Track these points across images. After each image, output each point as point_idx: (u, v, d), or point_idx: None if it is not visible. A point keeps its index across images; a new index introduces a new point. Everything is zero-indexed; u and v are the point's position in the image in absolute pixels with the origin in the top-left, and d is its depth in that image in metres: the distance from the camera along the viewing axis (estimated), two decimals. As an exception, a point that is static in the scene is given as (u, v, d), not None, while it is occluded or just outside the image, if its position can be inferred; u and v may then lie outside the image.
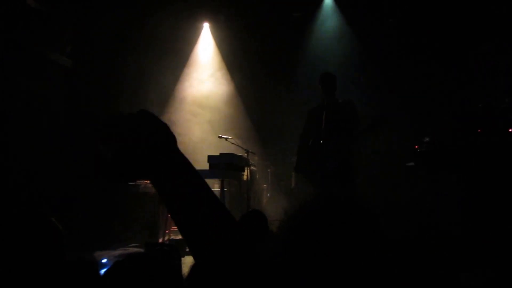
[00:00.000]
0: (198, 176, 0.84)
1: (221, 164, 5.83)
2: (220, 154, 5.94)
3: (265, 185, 7.66)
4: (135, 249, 5.49)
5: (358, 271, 0.77)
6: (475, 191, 4.73)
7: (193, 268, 1.51)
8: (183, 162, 0.85)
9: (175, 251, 2.21)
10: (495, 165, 4.73)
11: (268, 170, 7.73)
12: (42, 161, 5.66)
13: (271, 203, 7.14)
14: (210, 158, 5.89)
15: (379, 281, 0.78)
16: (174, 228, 6.88)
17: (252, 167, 6.86)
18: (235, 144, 6.41)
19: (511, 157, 4.75)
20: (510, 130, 5.60)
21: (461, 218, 4.67)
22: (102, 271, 1.27)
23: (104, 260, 3.84)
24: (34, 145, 5.59)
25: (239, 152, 6.42)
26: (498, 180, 4.69)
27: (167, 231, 6.62)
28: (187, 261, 4.04)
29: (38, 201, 5.13)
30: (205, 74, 8.50)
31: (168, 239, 6.42)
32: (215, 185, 7.83)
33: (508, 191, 4.59)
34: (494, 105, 5.53)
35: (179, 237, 6.58)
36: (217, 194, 7.32)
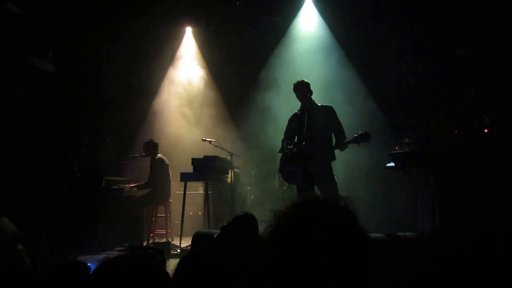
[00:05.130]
0: None
1: (205, 166, 5.87)
2: (204, 157, 5.98)
3: (249, 187, 7.71)
4: (120, 253, 5.48)
5: (343, 268, 0.85)
6: (451, 191, 4.88)
7: (179, 265, 1.56)
8: None
9: (160, 253, 2.23)
10: (472, 165, 4.88)
11: (252, 172, 7.79)
12: (24, 165, 5.61)
13: (255, 205, 7.20)
14: (194, 160, 5.93)
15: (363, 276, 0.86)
16: (158, 231, 6.89)
17: (235, 170, 6.91)
18: (218, 147, 6.46)
19: (486, 157, 4.91)
20: (486, 130, 5.78)
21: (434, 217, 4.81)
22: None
23: (89, 265, 3.84)
24: (15, 150, 5.54)
25: (223, 154, 6.47)
26: (475, 180, 4.84)
27: (151, 234, 6.63)
28: (172, 264, 4.07)
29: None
30: (188, 77, 8.53)
31: (153, 242, 6.43)
32: (199, 188, 7.87)
33: (484, 190, 4.75)
34: (467, 103, 5.70)
35: (164, 240, 6.59)
36: (201, 196, 7.37)
